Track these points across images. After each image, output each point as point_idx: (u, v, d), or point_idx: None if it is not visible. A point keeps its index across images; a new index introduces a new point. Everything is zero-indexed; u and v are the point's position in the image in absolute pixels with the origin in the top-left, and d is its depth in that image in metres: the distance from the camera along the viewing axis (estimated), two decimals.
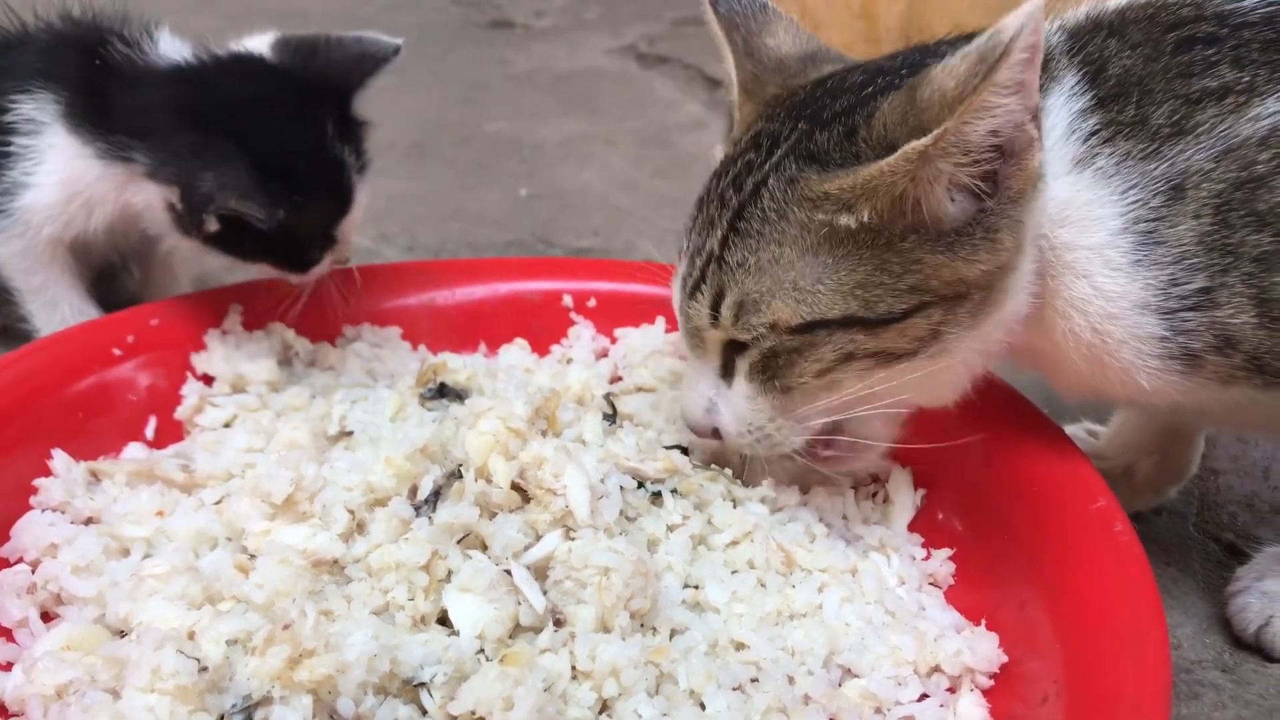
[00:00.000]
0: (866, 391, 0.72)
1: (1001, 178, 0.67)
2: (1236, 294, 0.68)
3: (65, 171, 0.96)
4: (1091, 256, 0.71)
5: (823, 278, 0.69)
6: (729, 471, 0.86)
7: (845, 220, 0.67)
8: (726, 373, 0.76)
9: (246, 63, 0.97)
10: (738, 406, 0.76)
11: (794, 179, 0.69)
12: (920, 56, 0.74)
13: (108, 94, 0.95)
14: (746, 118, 0.78)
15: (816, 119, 0.71)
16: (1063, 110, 0.72)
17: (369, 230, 1.45)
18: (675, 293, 0.78)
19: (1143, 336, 0.71)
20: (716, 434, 0.79)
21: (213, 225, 0.90)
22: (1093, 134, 0.71)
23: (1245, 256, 0.67)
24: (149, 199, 0.94)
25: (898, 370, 0.71)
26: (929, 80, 0.65)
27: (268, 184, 0.88)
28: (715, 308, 0.73)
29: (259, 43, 0.99)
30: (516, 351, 1.05)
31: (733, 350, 0.75)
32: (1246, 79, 0.68)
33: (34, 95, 0.96)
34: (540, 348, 1.06)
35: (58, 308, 1.04)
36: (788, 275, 0.69)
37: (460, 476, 0.77)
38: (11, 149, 0.96)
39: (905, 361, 0.71)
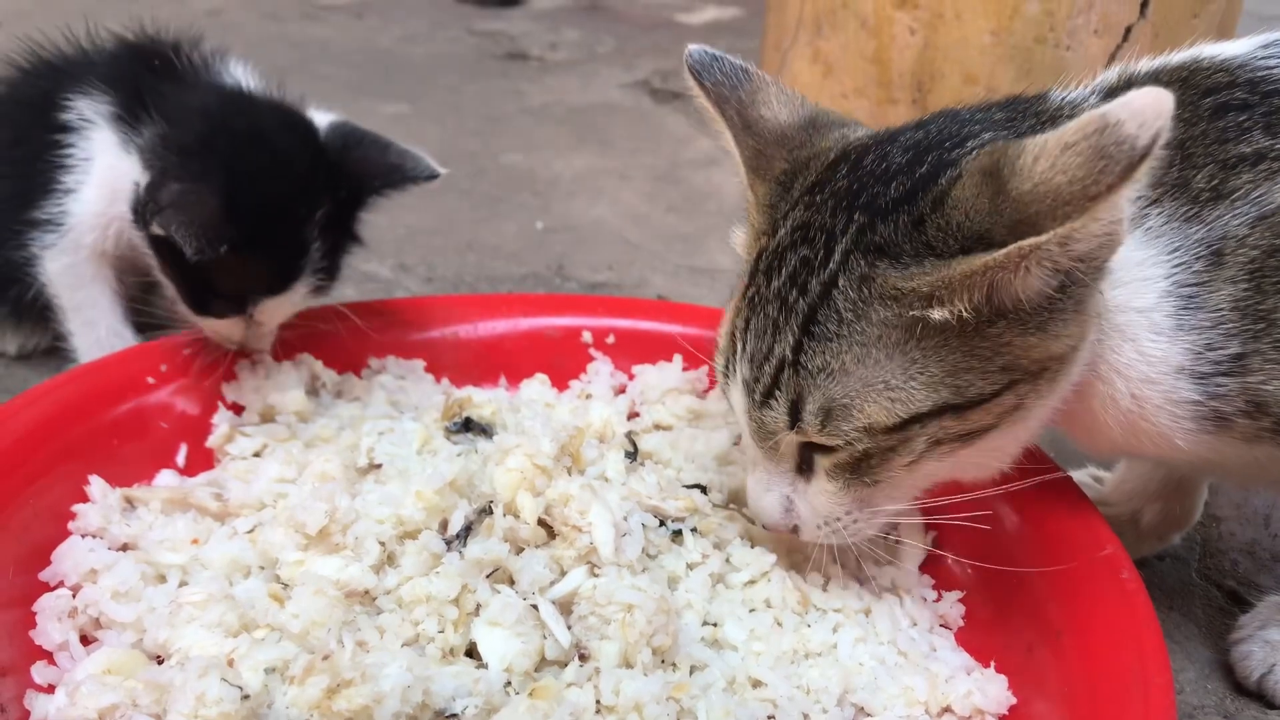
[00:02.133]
0: (941, 470, 0.72)
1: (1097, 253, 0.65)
2: (1269, 360, 0.69)
3: (106, 172, 0.98)
4: (1140, 319, 0.71)
5: (913, 373, 0.66)
6: (746, 511, 0.88)
7: (937, 314, 0.64)
8: (803, 470, 0.74)
9: (289, 116, 0.99)
10: (818, 504, 0.75)
11: (867, 276, 0.66)
12: (956, 126, 0.71)
13: (157, 91, 0.97)
14: (765, 199, 0.75)
15: (873, 208, 0.68)
16: None
17: (388, 260, 1.48)
18: (736, 397, 0.74)
19: (1178, 401, 0.71)
20: (795, 529, 0.77)
21: (155, 229, 0.88)
22: (1141, 194, 0.70)
23: (1278, 323, 0.68)
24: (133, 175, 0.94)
25: (977, 446, 0.71)
26: (1018, 170, 0.61)
27: (224, 221, 0.85)
28: (795, 414, 0.69)
29: (322, 116, 1.02)
30: (537, 386, 1.08)
31: (811, 449, 0.72)
32: (1279, 146, 0.69)
33: (89, 95, 1.00)
34: (560, 383, 1.09)
35: (95, 328, 1.07)
36: (877, 376, 0.67)
37: (490, 512, 0.79)
38: (64, 156, 0.99)
39: (986, 436, 0.70)
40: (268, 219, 0.90)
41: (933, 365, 0.66)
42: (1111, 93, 0.75)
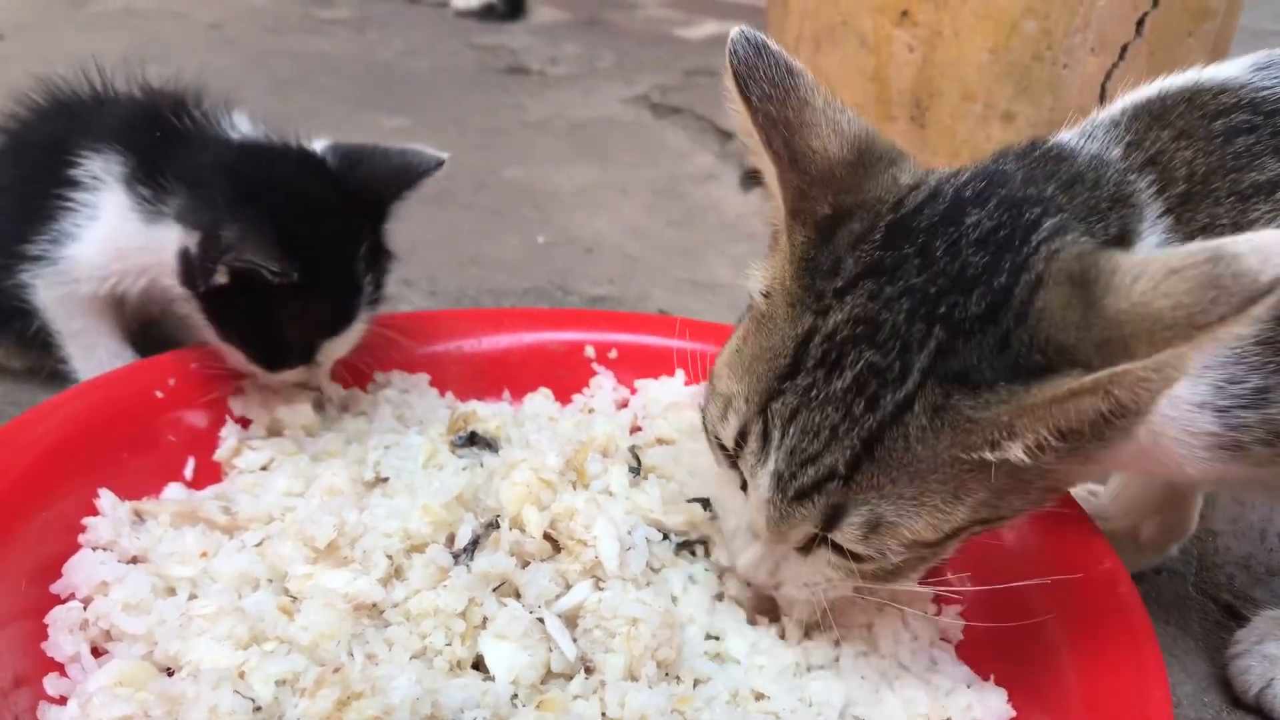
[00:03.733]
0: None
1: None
2: None
3: (113, 230, 0.99)
4: None
5: (962, 496, 0.64)
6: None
7: (1007, 451, 0.61)
8: (804, 548, 0.72)
9: (308, 156, 1.00)
10: (812, 576, 0.73)
11: (942, 407, 0.62)
12: (1015, 211, 0.65)
13: (168, 155, 0.98)
14: (804, 252, 0.67)
15: (954, 325, 0.62)
16: (1150, 236, 0.69)
17: (391, 275, 1.49)
18: (759, 481, 0.68)
19: (1195, 433, 0.71)
20: (777, 587, 0.76)
21: (222, 277, 0.88)
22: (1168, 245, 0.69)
23: None
24: (169, 247, 0.95)
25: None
26: (1114, 287, 0.58)
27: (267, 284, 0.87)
28: (831, 521, 0.66)
29: (316, 146, 1.02)
30: (540, 400, 1.09)
31: (823, 538, 0.69)
32: None
33: (103, 154, 1.00)
34: (563, 397, 1.10)
35: (95, 351, 1.08)
36: (929, 498, 0.64)
37: (497, 526, 0.80)
38: (66, 201, 1.00)
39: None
40: (319, 265, 0.91)
41: (982, 490, 0.64)
42: (1126, 131, 0.74)
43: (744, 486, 0.73)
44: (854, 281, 0.65)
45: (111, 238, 0.99)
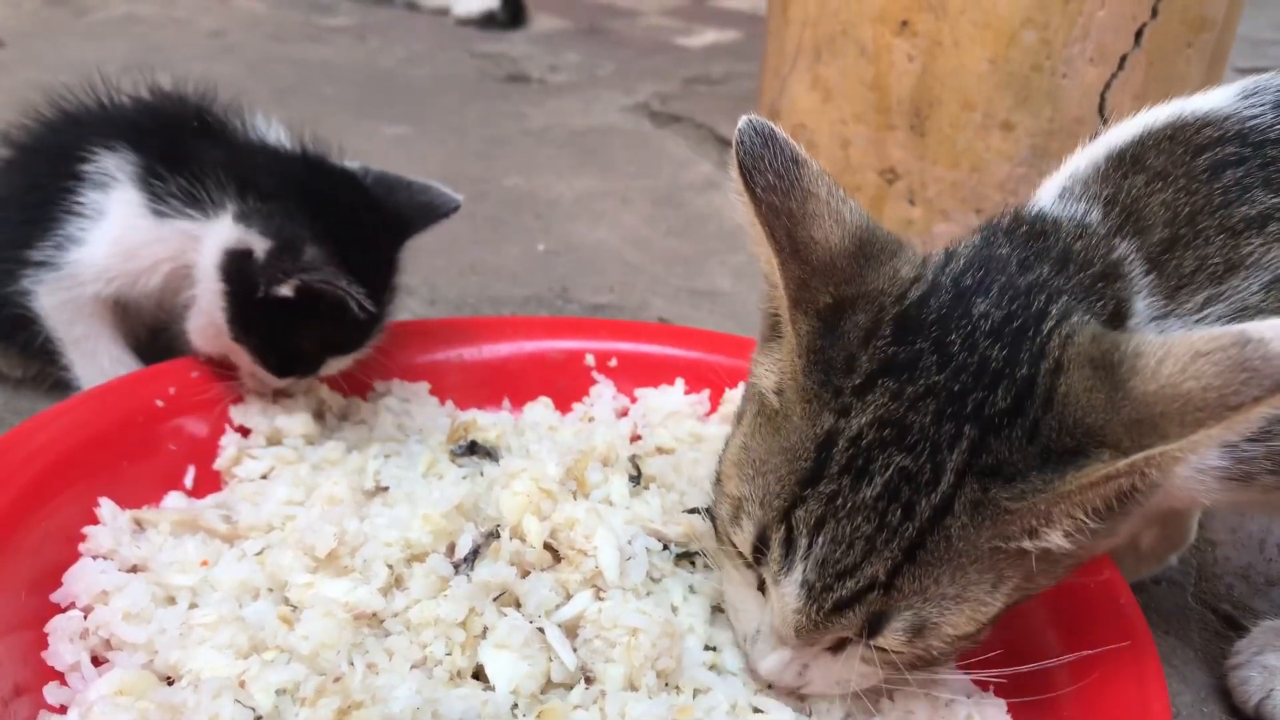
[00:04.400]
0: None
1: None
2: None
3: (123, 230, 0.99)
4: None
5: (999, 584, 0.64)
6: None
7: (1046, 539, 0.62)
8: (838, 647, 0.70)
9: (349, 176, 1.02)
10: (844, 673, 0.71)
11: (980, 502, 0.61)
12: (1022, 299, 0.66)
13: (196, 154, 0.98)
14: (810, 343, 0.66)
15: (984, 421, 0.62)
16: (1139, 303, 0.70)
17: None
18: (785, 590, 0.66)
19: (1204, 469, 0.71)
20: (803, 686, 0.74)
21: (289, 290, 0.89)
22: (1160, 316, 0.70)
23: None
24: (207, 243, 0.95)
25: None
26: (1139, 369, 0.59)
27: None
28: (874, 629, 0.65)
29: (350, 165, 1.04)
30: (540, 409, 1.09)
31: (855, 639, 0.68)
32: None
33: (117, 151, 1.00)
34: (562, 405, 1.10)
35: (96, 359, 1.08)
36: (971, 594, 0.64)
37: (497, 536, 0.80)
38: (72, 204, 1.00)
39: None
40: (374, 280, 0.94)
41: (1017, 575, 0.64)
42: (1104, 183, 0.74)
43: (761, 587, 0.71)
44: (871, 380, 0.64)
45: (121, 236, 1.00)
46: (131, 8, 2.87)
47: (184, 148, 0.99)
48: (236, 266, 0.93)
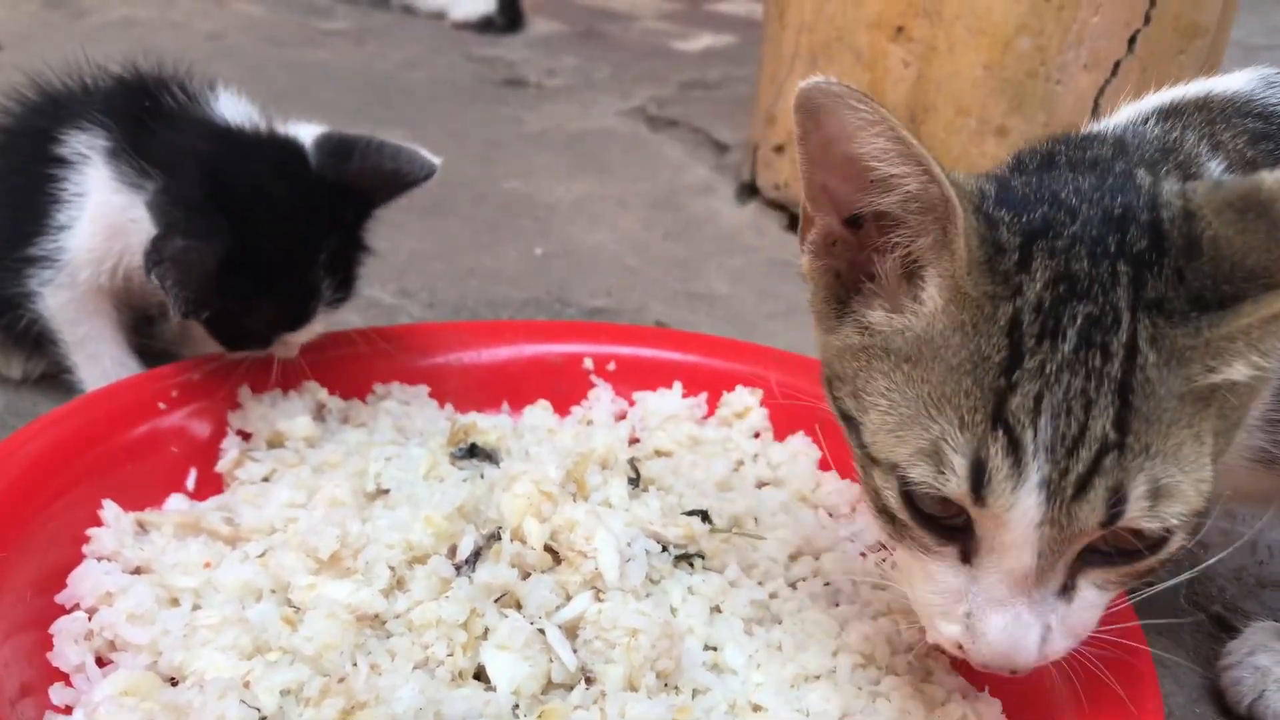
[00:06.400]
0: None
1: None
2: None
3: (101, 206, 0.99)
4: None
5: (1202, 441, 0.61)
6: (743, 539, 0.90)
7: (1222, 374, 0.60)
8: (1065, 590, 0.65)
9: (287, 149, 1.01)
10: (1080, 623, 0.66)
11: (1157, 338, 0.60)
12: (1114, 178, 0.67)
13: (153, 132, 0.99)
14: (972, 246, 0.63)
15: (1127, 255, 0.61)
16: (1212, 165, 0.73)
17: (390, 286, 1.50)
18: (1023, 507, 0.61)
19: (1241, 447, 0.71)
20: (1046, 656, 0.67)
21: (153, 280, 0.91)
22: None
23: None
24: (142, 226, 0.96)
25: None
26: None
27: (226, 276, 0.90)
28: (1116, 505, 0.60)
29: (306, 131, 1.03)
30: (539, 412, 1.09)
31: (1084, 561, 0.65)
32: None
33: (86, 130, 1.01)
34: (561, 408, 1.11)
35: (100, 360, 1.08)
36: (1185, 453, 0.61)
37: (498, 538, 0.81)
38: (59, 191, 1.01)
39: None
40: (277, 269, 0.95)
41: (1209, 429, 0.62)
42: (1155, 124, 0.78)
43: (964, 558, 0.66)
44: (1026, 249, 0.62)
45: (100, 214, 1.00)
46: (129, 10, 2.88)
47: (144, 126, 1.00)
48: (145, 249, 0.94)
